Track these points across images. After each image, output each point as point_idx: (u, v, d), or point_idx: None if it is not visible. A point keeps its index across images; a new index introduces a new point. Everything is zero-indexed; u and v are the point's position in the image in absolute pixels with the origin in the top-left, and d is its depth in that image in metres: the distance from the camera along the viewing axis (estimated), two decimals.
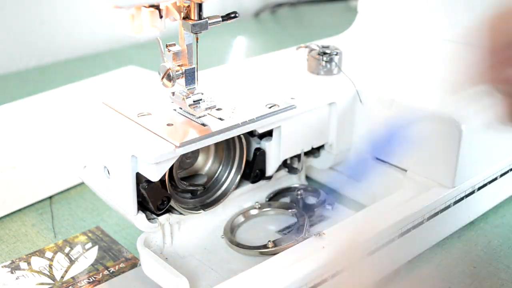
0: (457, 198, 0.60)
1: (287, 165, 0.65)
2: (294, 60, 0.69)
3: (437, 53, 0.66)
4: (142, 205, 0.54)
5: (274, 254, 0.52)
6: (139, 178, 0.52)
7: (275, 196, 0.65)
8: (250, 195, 0.63)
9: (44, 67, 1.12)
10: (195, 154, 0.59)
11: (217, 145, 0.59)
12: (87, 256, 0.60)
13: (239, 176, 0.60)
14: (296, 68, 0.67)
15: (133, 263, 0.59)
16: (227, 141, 0.58)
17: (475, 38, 0.45)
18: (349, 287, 0.37)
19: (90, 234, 0.64)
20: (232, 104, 0.57)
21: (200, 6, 0.51)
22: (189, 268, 0.55)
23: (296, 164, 0.65)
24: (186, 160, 0.59)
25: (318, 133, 0.63)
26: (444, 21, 0.66)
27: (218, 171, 0.60)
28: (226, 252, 0.58)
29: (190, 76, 0.54)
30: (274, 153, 0.60)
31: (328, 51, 0.65)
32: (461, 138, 0.57)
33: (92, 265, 0.59)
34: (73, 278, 0.57)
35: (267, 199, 0.64)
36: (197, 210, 0.57)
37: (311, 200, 0.65)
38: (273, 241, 0.57)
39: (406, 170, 0.62)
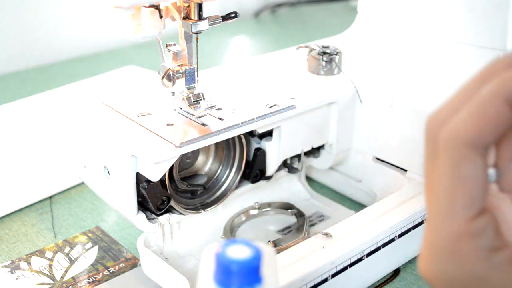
0: None
1: (287, 165, 0.65)
2: (294, 60, 0.69)
3: (437, 53, 0.66)
4: (142, 205, 0.54)
5: None
6: (139, 178, 0.52)
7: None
8: (250, 195, 0.63)
9: (44, 67, 1.12)
10: (195, 154, 0.59)
11: (217, 145, 0.59)
12: (87, 256, 0.60)
13: (239, 176, 0.60)
14: (296, 68, 0.67)
15: (133, 263, 0.59)
16: (227, 141, 0.58)
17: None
18: None
19: (90, 234, 0.64)
20: (232, 104, 0.57)
21: (200, 6, 0.51)
22: (189, 268, 0.55)
23: (296, 164, 0.65)
24: (186, 160, 0.59)
25: (318, 133, 0.63)
26: (444, 21, 0.65)
27: (218, 171, 0.60)
28: None
29: (190, 76, 0.54)
30: (274, 153, 0.60)
31: (328, 51, 0.65)
32: None
33: (92, 265, 0.59)
34: (73, 278, 0.57)
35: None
36: (197, 210, 0.57)
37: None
38: (273, 241, 0.57)
39: (406, 170, 0.62)
